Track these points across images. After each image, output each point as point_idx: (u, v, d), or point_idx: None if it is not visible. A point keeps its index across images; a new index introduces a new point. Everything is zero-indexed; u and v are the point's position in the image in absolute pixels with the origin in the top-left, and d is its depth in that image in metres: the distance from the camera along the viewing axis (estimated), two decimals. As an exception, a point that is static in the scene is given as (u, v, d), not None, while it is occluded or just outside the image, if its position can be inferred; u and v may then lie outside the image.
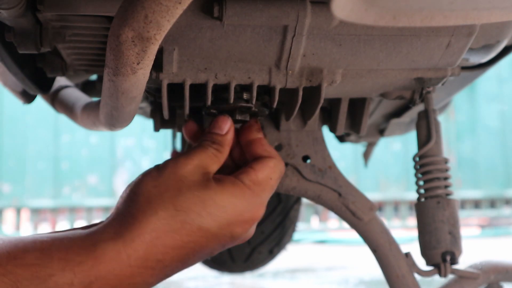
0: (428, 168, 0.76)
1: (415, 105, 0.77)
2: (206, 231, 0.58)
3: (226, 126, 0.65)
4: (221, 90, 0.66)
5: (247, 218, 0.61)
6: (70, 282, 0.53)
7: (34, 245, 0.54)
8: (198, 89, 0.67)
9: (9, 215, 4.33)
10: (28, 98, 0.91)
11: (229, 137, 0.65)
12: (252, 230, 0.64)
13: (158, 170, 0.61)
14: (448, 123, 4.69)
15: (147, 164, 4.32)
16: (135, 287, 0.56)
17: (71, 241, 0.56)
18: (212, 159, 0.62)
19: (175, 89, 0.68)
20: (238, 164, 0.68)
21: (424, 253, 0.77)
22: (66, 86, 1.01)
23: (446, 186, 0.77)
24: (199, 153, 0.62)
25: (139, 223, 0.56)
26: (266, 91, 0.69)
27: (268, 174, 0.64)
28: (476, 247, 3.27)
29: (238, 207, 0.60)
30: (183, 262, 0.59)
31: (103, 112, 0.68)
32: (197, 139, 0.69)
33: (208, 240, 0.59)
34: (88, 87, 1.06)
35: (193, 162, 0.61)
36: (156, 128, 0.83)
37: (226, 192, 0.59)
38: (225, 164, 0.67)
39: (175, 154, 0.79)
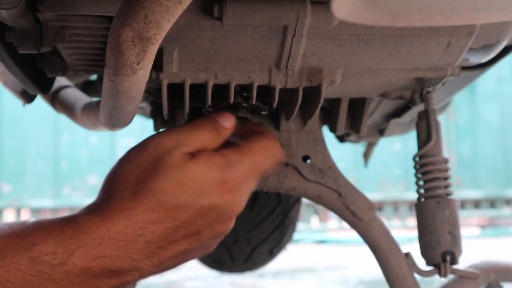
0: (428, 168, 0.76)
1: (415, 105, 0.77)
2: (184, 206, 0.59)
3: (230, 123, 0.65)
4: (222, 87, 0.66)
5: (220, 186, 0.61)
6: (53, 251, 0.54)
7: (17, 222, 0.56)
8: (198, 89, 0.67)
9: (9, 215, 4.33)
10: (28, 98, 0.91)
11: (228, 133, 0.65)
12: (237, 203, 0.63)
13: (135, 152, 0.61)
14: (448, 123, 4.69)
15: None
16: (120, 261, 0.57)
17: (54, 218, 0.58)
18: (202, 141, 0.62)
19: (175, 89, 0.68)
20: None
21: (424, 253, 0.76)
22: (66, 86, 1.01)
23: (446, 186, 0.77)
24: (187, 131, 0.62)
25: (116, 203, 0.58)
26: (266, 90, 0.69)
27: (251, 148, 0.64)
28: (476, 247, 3.27)
29: (212, 178, 0.60)
30: (166, 239, 0.59)
31: (103, 112, 0.68)
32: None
33: (186, 214, 0.59)
34: (88, 87, 1.06)
35: (174, 139, 0.61)
36: (156, 128, 0.83)
37: (202, 167, 0.60)
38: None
39: None
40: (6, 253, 0.52)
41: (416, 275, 0.80)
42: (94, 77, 1.05)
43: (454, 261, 0.75)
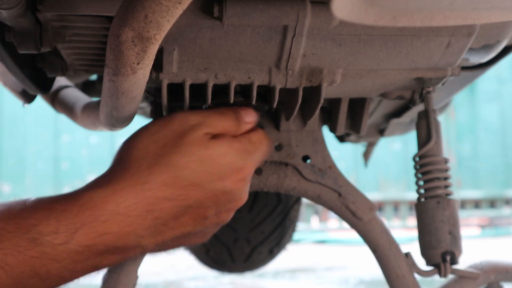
0: (428, 168, 0.76)
1: (415, 105, 0.77)
2: (198, 185, 0.58)
3: (252, 118, 0.66)
4: (222, 87, 0.66)
5: (237, 172, 0.61)
6: (55, 230, 0.52)
7: (17, 202, 0.55)
8: (198, 89, 0.67)
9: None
10: (28, 98, 0.91)
11: (247, 128, 0.65)
12: (244, 193, 0.64)
13: (158, 125, 0.60)
14: (448, 123, 4.69)
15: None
16: (126, 237, 0.56)
17: (56, 196, 0.56)
18: (224, 126, 0.62)
19: (175, 89, 0.68)
20: None
21: (424, 253, 0.77)
22: (66, 86, 1.01)
23: (446, 186, 0.77)
24: (211, 113, 0.62)
25: (131, 175, 0.56)
26: (266, 90, 0.69)
27: (260, 139, 0.65)
28: (476, 247, 3.27)
29: (231, 162, 0.60)
30: (175, 217, 0.58)
31: (103, 112, 0.68)
32: None
33: (199, 194, 0.59)
34: (88, 87, 1.06)
35: (199, 118, 0.61)
36: (156, 128, 0.82)
37: (223, 148, 0.60)
38: None
39: None
40: (5, 235, 0.51)
41: (416, 275, 0.80)
42: (94, 77, 1.05)
43: (454, 261, 0.75)
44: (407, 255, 0.80)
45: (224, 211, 0.63)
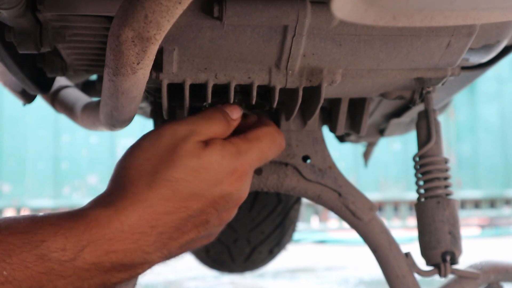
0: (428, 168, 0.76)
1: (415, 105, 0.77)
2: (197, 195, 0.59)
3: (237, 114, 0.66)
4: (222, 87, 0.66)
5: (231, 174, 0.61)
6: (62, 247, 0.53)
7: (25, 217, 0.55)
8: (198, 89, 0.67)
9: (9, 215, 4.33)
10: (28, 98, 0.91)
11: (235, 124, 0.65)
12: (244, 191, 0.64)
13: (149, 140, 0.61)
14: (448, 123, 4.69)
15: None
16: (132, 254, 0.56)
17: (62, 213, 0.56)
18: (214, 130, 0.62)
19: (175, 89, 0.68)
20: None
21: (424, 253, 0.77)
22: (66, 86, 1.01)
23: (446, 186, 0.77)
24: (199, 120, 0.62)
25: (130, 194, 0.57)
26: (266, 90, 0.69)
27: (257, 136, 0.65)
28: (476, 247, 3.27)
29: (225, 167, 0.61)
30: (178, 229, 0.59)
31: (103, 112, 0.68)
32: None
33: (199, 203, 0.60)
34: (88, 87, 1.06)
35: (188, 128, 0.61)
36: (156, 128, 0.82)
37: (215, 155, 0.60)
38: None
39: None
40: (13, 251, 0.51)
41: (416, 275, 0.80)
42: (94, 77, 1.05)
43: (454, 261, 0.75)
44: (407, 255, 0.80)
45: (225, 211, 0.63)
